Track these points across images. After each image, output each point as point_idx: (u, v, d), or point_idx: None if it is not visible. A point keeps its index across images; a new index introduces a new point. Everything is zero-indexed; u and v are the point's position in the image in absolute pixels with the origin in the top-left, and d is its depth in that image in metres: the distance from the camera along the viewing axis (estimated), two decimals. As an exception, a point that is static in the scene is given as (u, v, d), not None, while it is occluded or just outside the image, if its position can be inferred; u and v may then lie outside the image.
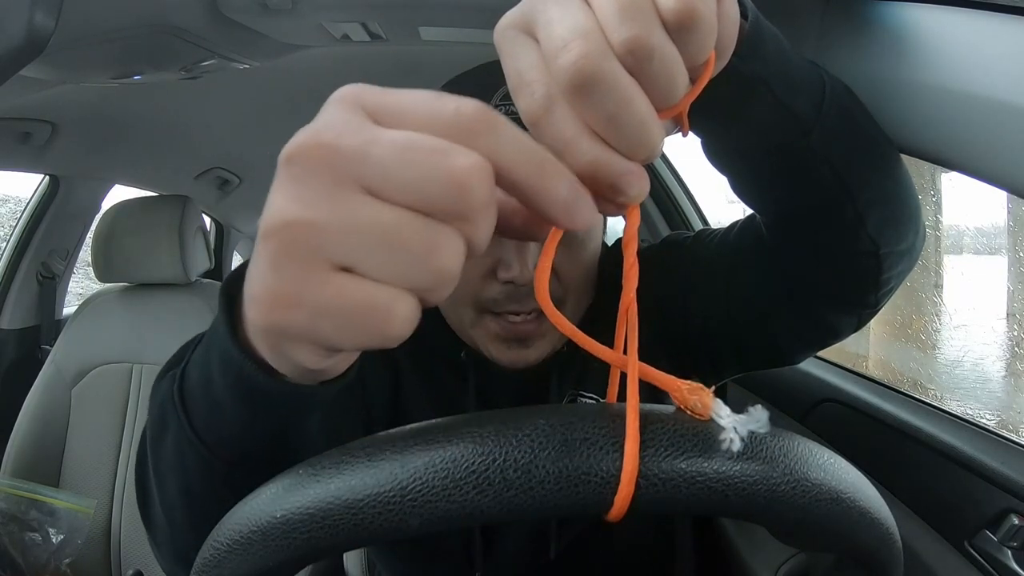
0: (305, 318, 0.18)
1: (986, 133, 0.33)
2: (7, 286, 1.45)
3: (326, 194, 0.17)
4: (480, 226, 0.18)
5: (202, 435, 0.30)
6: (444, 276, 0.18)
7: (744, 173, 0.42)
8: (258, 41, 0.86)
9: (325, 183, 0.17)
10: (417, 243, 0.17)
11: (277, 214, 0.18)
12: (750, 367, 0.60)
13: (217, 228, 2.27)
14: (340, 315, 0.18)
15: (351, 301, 0.18)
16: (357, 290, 0.18)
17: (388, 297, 0.18)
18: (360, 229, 0.17)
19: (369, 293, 0.18)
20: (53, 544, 1.07)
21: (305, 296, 0.18)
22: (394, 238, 0.17)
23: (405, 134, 0.18)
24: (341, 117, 0.18)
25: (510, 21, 0.22)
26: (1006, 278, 1.01)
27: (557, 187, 0.19)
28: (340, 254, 0.17)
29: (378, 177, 0.17)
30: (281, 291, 0.18)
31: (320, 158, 0.18)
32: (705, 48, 0.21)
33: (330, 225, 0.17)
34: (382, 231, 0.17)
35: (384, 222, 0.17)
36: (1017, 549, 0.52)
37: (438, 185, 0.17)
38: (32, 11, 0.49)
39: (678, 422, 0.20)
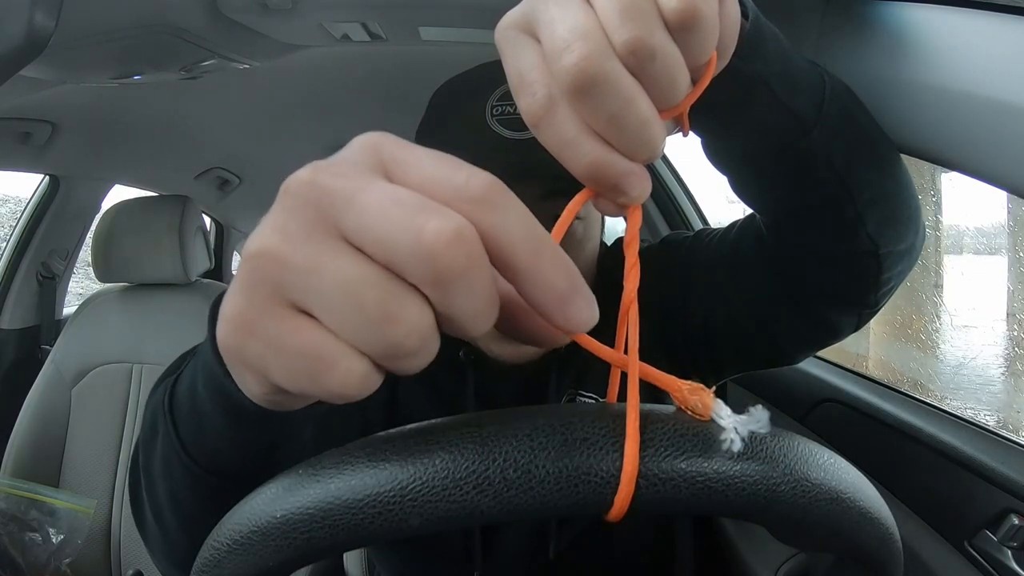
0: (258, 348, 0.18)
1: (986, 133, 0.33)
2: (7, 286, 1.45)
3: (304, 233, 0.17)
4: (455, 296, 0.16)
5: (187, 445, 0.30)
6: (399, 349, 0.17)
7: (744, 173, 0.42)
8: (258, 41, 0.86)
9: (307, 221, 0.17)
10: (374, 307, 0.16)
11: (258, 240, 0.18)
12: (750, 367, 0.60)
13: (217, 228, 2.27)
14: (288, 355, 0.17)
15: (300, 344, 0.17)
16: (309, 336, 0.17)
17: (337, 352, 0.17)
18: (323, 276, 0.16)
19: (319, 342, 0.17)
20: (53, 544, 1.07)
21: (261, 327, 0.18)
22: (353, 296, 0.16)
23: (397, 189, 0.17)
24: (350, 159, 0.18)
25: (511, 21, 0.22)
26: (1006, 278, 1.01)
27: (555, 277, 0.18)
28: (300, 296, 0.17)
29: (355, 225, 0.16)
30: (243, 316, 0.18)
31: (310, 195, 0.17)
32: (707, 48, 0.21)
33: (297, 265, 0.17)
34: (344, 285, 0.16)
35: (348, 276, 0.16)
36: (1017, 549, 0.52)
37: (408, 244, 0.16)
38: (32, 11, 0.49)
39: (678, 422, 0.20)
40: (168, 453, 0.31)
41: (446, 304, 0.17)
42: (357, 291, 0.16)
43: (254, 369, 0.19)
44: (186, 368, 0.32)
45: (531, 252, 0.17)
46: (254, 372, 0.19)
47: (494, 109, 0.49)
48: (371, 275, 0.16)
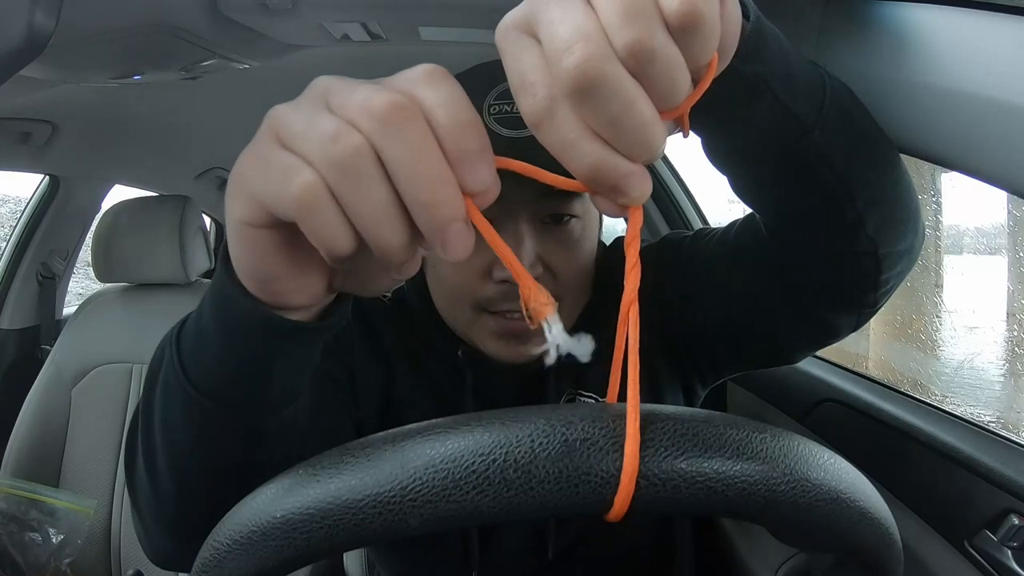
0: (251, 166, 0.24)
1: (986, 133, 0.33)
2: (7, 286, 1.45)
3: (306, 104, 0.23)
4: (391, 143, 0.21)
5: (189, 371, 0.31)
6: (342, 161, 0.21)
7: (744, 173, 0.42)
8: (258, 41, 0.86)
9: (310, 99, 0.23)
10: (326, 128, 0.22)
11: (277, 107, 0.24)
12: (749, 366, 0.60)
13: (217, 228, 2.27)
14: (268, 167, 0.23)
15: (276, 159, 0.22)
16: (284, 155, 0.22)
17: (299, 164, 0.22)
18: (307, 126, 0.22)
19: (288, 158, 0.22)
20: (53, 544, 1.07)
21: (256, 153, 0.23)
22: (320, 131, 0.22)
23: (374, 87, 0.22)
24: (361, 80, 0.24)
25: (512, 21, 0.22)
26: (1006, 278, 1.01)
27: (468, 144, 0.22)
28: (287, 136, 0.23)
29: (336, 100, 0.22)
30: (251, 151, 0.24)
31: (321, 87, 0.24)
32: (708, 50, 0.21)
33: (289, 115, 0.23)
34: (317, 127, 0.22)
35: (322, 122, 0.22)
36: (1017, 549, 0.52)
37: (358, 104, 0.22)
38: (32, 11, 0.49)
39: (678, 422, 0.20)
40: (170, 381, 0.32)
41: (382, 146, 0.21)
42: (320, 124, 0.22)
43: (245, 188, 0.24)
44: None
45: (449, 115, 0.21)
46: (244, 191, 0.24)
47: (491, 108, 0.49)
48: (331, 118, 0.22)
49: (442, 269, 0.54)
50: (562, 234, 0.52)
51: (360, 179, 0.21)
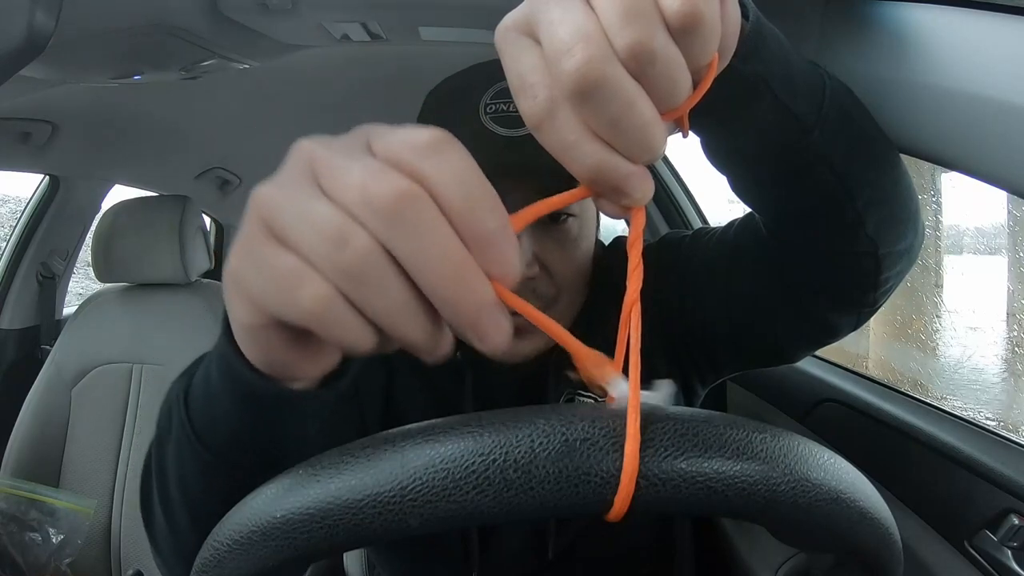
0: (248, 268, 0.21)
1: (986, 133, 0.33)
2: (7, 286, 1.45)
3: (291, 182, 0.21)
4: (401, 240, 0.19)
5: (200, 432, 0.31)
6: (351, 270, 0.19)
7: (744, 173, 0.42)
8: (258, 41, 0.86)
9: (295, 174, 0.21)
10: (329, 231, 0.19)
11: (260, 188, 0.21)
12: (749, 365, 0.60)
13: (217, 228, 2.27)
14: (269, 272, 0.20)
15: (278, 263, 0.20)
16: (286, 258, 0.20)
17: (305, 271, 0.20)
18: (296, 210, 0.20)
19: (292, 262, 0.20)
20: (53, 544, 1.07)
21: (251, 251, 0.21)
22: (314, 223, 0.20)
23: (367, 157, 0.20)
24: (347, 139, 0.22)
25: (511, 22, 0.22)
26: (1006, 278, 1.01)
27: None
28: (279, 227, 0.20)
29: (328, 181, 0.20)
30: (242, 245, 0.22)
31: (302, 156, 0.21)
32: (708, 50, 0.21)
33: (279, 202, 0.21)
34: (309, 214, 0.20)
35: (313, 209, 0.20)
36: (1017, 549, 0.52)
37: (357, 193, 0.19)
38: (32, 11, 0.49)
39: (678, 422, 0.20)
40: (181, 440, 0.32)
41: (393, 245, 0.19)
42: (318, 221, 0.20)
43: (245, 292, 0.22)
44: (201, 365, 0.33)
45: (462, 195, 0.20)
46: (245, 296, 0.22)
47: (487, 107, 0.49)
48: (330, 211, 0.20)
49: None
50: (559, 233, 0.52)
51: (375, 283, 0.19)
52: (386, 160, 0.20)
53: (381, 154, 0.20)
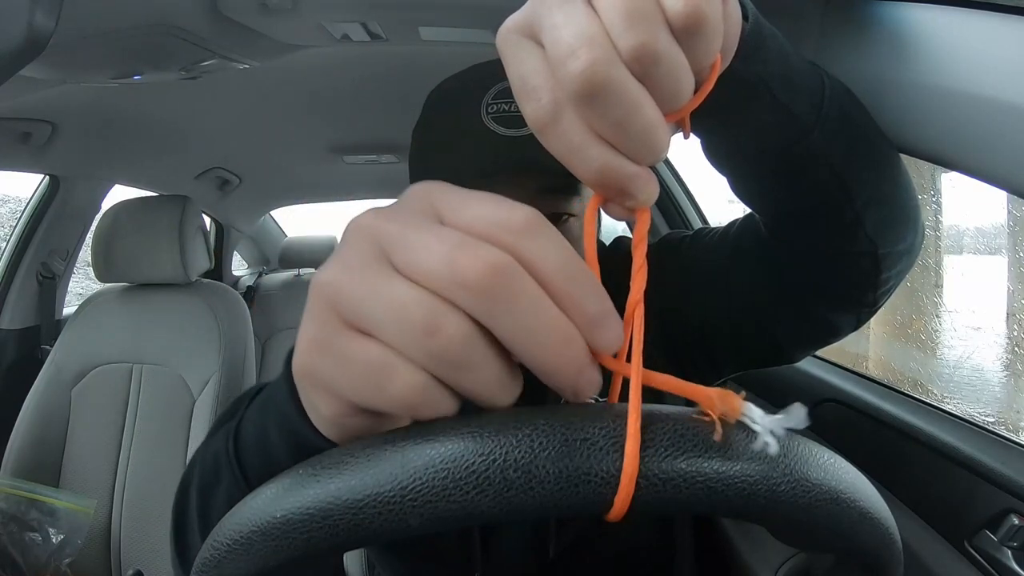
0: (328, 364, 0.20)
1: (986, 133, 0.33)
2: (7, 286, 1.45)
3: (362, 264, 0.20)
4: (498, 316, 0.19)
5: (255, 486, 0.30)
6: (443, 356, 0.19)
7: (743, 173, 0.42)
8: (258, 41, 0.86)
9: (365, 254, 0.20)
10: (418, 320, 0.18)
11: (323, 272, 0.20)
12: (749, 365, 0.60)
13: (217, 228, 2.27)
14: (354, 367, 0.20)
15: (364, 356, 0.19)
16: (372, 349, 0.19)
17: (396, 362, 0.19)
18: (377, 299, 0.19)
19: (380, 354, 0.19)
20: (53, 544, 1.07)
21: (330, 345, 0.20)
22: (400, 312, 0.19)
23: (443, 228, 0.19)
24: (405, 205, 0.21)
25: (513, 25, 0.22)
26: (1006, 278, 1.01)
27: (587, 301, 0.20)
28: (358, 318, 0.19)
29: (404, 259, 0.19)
30: (314, 338, 0.21)
31: (368, 234, 0.20)
32: (711, 52, 0.21)
33: (355, 290, 0.19)
34: (393, 303, 0.19)
35: (397, 296, 0.19)
36: (1017, 549, 0.52)
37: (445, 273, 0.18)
38: (32, 11, 0.49)
39: (679, 422, 0.20)
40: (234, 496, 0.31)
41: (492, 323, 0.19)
42: (404, 307, 0.18)
43: (325, 386, 0.21)
44: (246, 416, 0.33)
45: (566, 277, 0.19)
46: (325, 390, 0.21)
47: (489, 107, 0.49)
48: (416, 295, 0.19)
49: None
50: (561, 233, 0.52)
51: (472, 365, 0.19)
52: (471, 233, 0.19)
53: (464, 228, 0.19)
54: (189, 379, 1.19)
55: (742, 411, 0.20)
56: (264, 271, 2.70)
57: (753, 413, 0.20)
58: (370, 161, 1.81)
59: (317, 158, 1.77)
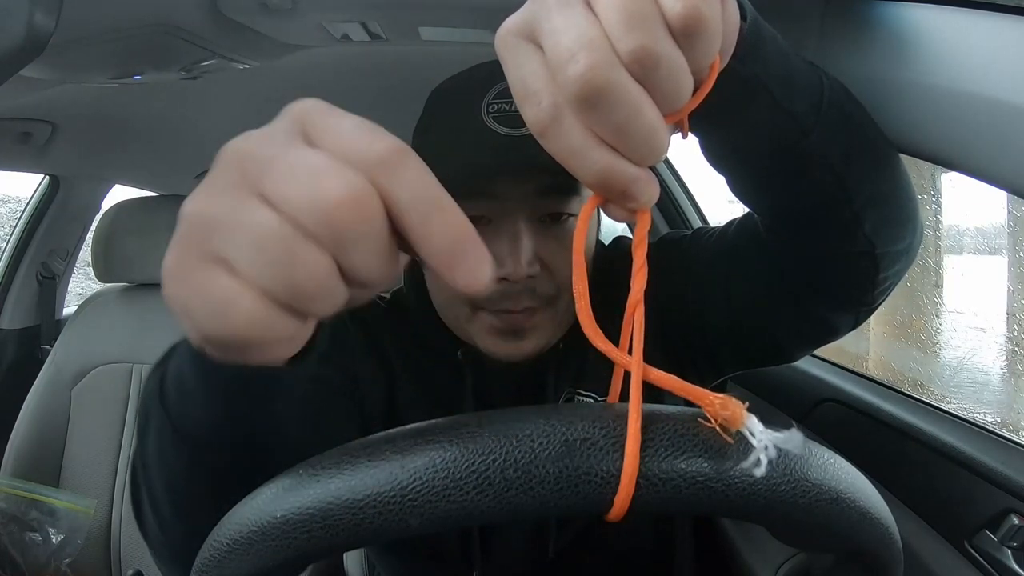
0: (184, 295, 0.20)
1: (986, 133, 0.33)
2: (7, 286, 1.45)
3: (227, 191, 0.19)
4: (350, 253, 0.19)
5: (177, 423, 0.30)
6: (299, 290, 0.19)
7: (742, 173, 0.42)
8: (258, 41, 0.86)
9: (231, 182, 0.19)
10: (278, 252, 0.18)
11: (190, 201, 0.20)
12: (748, 364, 0.60)
13: (217, 228, 2.27)
14: (203, 299, 0.20)
15: (212, 289, 0.19)
16: (221, 282, 0.19)
17: (240, 294, 0.19)
18: (238, 227, 0.19)
19: (227, 287, 0.19)
20: (53, 544, 1.07)
21: (185, 276, 0.20)
22: (261, 242, 0.18)
23: (309, 154, 0.19)
24: (276, 128, 0.20)
25: (512, 27, 0.22)
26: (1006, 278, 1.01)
27: (441, 238, 0.19)
28: (219, 247, 0.19)
29: (270, 188, 0.19)
30: (173, 268, 0.20)
31: (236, 160, 0.20)
32: (710, 53, 0.21)
33: (216, 218, 0.19)
34: (254, 233, 0.18)
35: (258, 226, 0.18)
36: (1017, 549, 0.52)
37: (310, 203, 0.18)
38: (32, 11, 0.49)
39: (679, 422, 0.20)
40: (161, 436, 0.31)
41: (344, 256, 0.19)
42: (264, 238, 0.18)
43: (183, 314, 0.21)
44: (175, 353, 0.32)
45: (421, 214, 0.19)
46: (184, 318, 0.21)
47: (490, 107, 0.49)
48: (278, 226, 0.18)
49: None
50: (561, 232, 0.52)
51: (323, 295, 0.19)
52: (335, 156, 0.19)
53: (329, 150, 0.19)
54: (189, 379, 1.18)
55: (744, 422, 0.20)
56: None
57: (754, 426, 0.20)
58: (370, 161, 1.80)
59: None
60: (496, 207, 0.50)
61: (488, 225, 0.50)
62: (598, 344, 0.22)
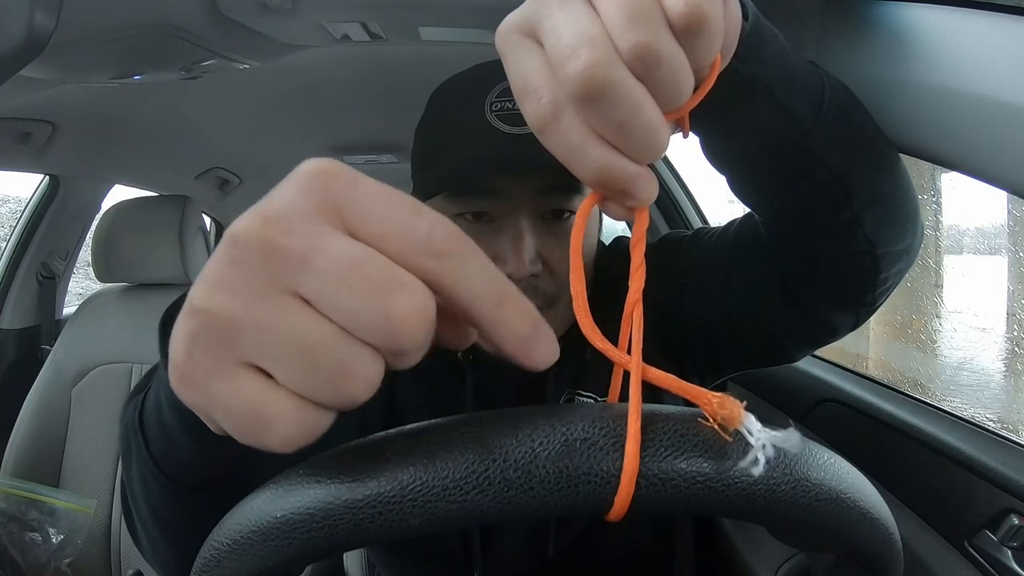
0: (202, 401, 0.18)
1: (986, 133, 0.33)
2: (7, 286, 1.45)
3: (254, 291, 0.17)
4: (408, 360, 0.18)
5: (159, 462, 0.30)
6: (352, 401, 0.17)
7: (742, 173, 0.42)
8: (258, 41, 0.86)
9: (258, 279, 0.17)
10: (331, 366, 0.17)
11: (204, 296, 0.17)
12: (748, 365, 0.60)
13: (217, 228, 2.27)
14: (230, 413, 0.18)
15: (243, 402, 0.17)
16: (251, 396, 0.17)
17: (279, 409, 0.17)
18: (276, 336, 0.17)
19: (260, 400, 0.17)
20: (53, 544, 1.07)
21: (204, 384, 0.18)
22: (308, 354, 0.17)
23: (356, 251, 0.17)
24: (300, 207, 0.17)
25: (513, 24, 0.22)
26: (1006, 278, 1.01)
27: (517, 324, 0.19)
28: (251, 354, 0.17)
29: (314, 290, 0.17)
30: (186, 372, 0.18)
31: (260, 252, 0.17)
32: (712, 51, 0.21)
33: (248, 324, 0.17)
34: (299, 345, 0.16)
35: (303, 336, 0.16)
36: (1017, 549, 0.52)
37: (373, 319, 0.16)
38: (32, 11, 0.49)
39: (679, 422, 0.20)
40: (143, 469, 0.31)
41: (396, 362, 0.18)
42: (312, 350, 0.16)
43: (208, 418, 0.19)
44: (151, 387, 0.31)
45: (494, 303, 0.18)
46: (209, 420, 0.19)
47: (493, 105, 0.49)
48: (328, 337, 0.16)
49: None
50: (562, 230, 0.52)
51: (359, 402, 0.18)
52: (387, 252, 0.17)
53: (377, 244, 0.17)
54: (189, 379, 1.18)
55: (741, 420, 0.20)
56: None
57: (752, 425, 0.20)
58: (370, 161, 1.81)
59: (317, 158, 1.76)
60: (498, 204, 0.50)
61: (490, 223, 0.50)
62: (596, 343, 0.22)
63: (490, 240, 0.50)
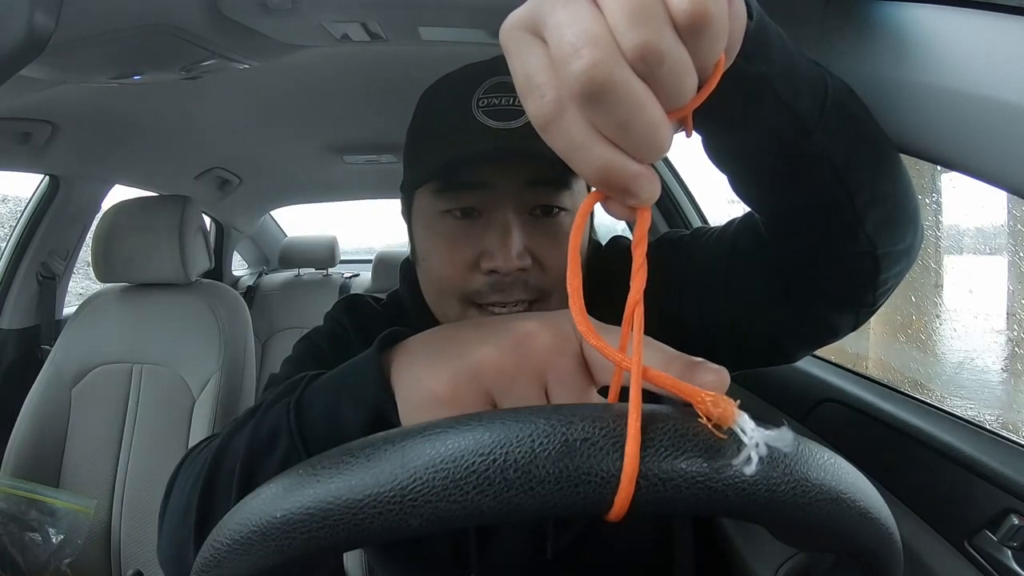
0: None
1: (986, 133, 0.33)
2: (7, 286, 1.45)
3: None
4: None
5: None
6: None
7: (744, 172, 0.42)
8: (258, 41, 0.86)
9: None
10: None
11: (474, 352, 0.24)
12: (748, 364, 0.60)
13: (217, 228, 2.27)
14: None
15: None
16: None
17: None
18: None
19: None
20: (53, 544, 1.07)
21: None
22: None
23: None
24: None
25: (517, 21, 0.22)
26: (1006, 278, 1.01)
27: None
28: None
29: None
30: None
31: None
32: (716, 50, 0.21)
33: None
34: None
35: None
36: (1017, 549, 0.52)
37: None
38: (32, 11, 0.49)
39: (679, 422, 0.20)
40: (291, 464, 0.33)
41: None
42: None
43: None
44: (311, 392, 0.35)
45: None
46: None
47: (480, 101, 0.49)
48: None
49: (431, 262, 0.53)
50: (552, 226, 0.52)
51: None
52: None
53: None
54: (189, 379, 1.19)
55: (734, 419, 0.20)
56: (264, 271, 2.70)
57: (745, 424, 0.20)
58: (370, 161, 1.81)
59: (317, 158, 1.77)
60: (486, 197, 0.49)
61: (479, 218, 0.50)
62: (592, 341, 0.22)
63: (478, 235, 0.50)
